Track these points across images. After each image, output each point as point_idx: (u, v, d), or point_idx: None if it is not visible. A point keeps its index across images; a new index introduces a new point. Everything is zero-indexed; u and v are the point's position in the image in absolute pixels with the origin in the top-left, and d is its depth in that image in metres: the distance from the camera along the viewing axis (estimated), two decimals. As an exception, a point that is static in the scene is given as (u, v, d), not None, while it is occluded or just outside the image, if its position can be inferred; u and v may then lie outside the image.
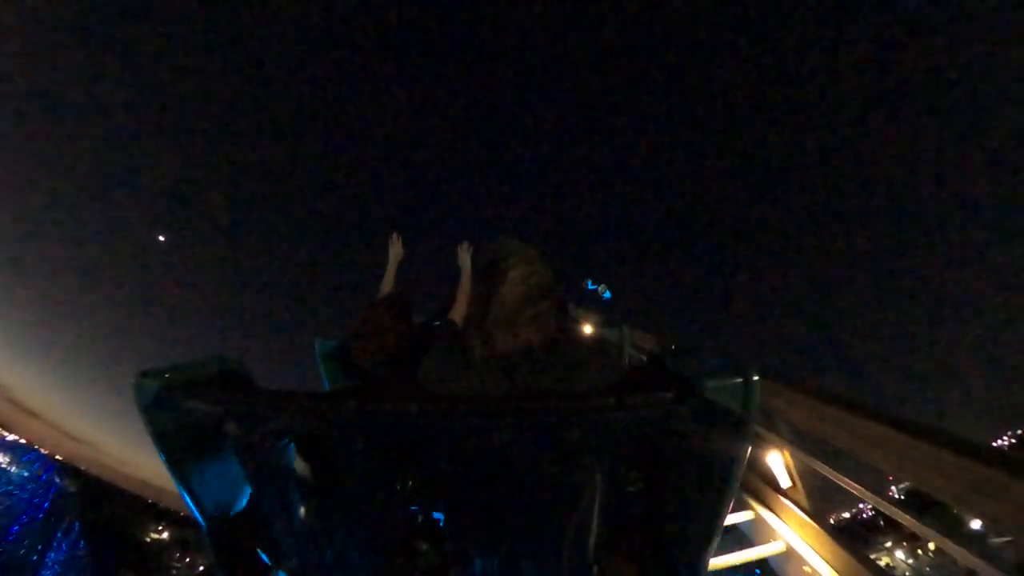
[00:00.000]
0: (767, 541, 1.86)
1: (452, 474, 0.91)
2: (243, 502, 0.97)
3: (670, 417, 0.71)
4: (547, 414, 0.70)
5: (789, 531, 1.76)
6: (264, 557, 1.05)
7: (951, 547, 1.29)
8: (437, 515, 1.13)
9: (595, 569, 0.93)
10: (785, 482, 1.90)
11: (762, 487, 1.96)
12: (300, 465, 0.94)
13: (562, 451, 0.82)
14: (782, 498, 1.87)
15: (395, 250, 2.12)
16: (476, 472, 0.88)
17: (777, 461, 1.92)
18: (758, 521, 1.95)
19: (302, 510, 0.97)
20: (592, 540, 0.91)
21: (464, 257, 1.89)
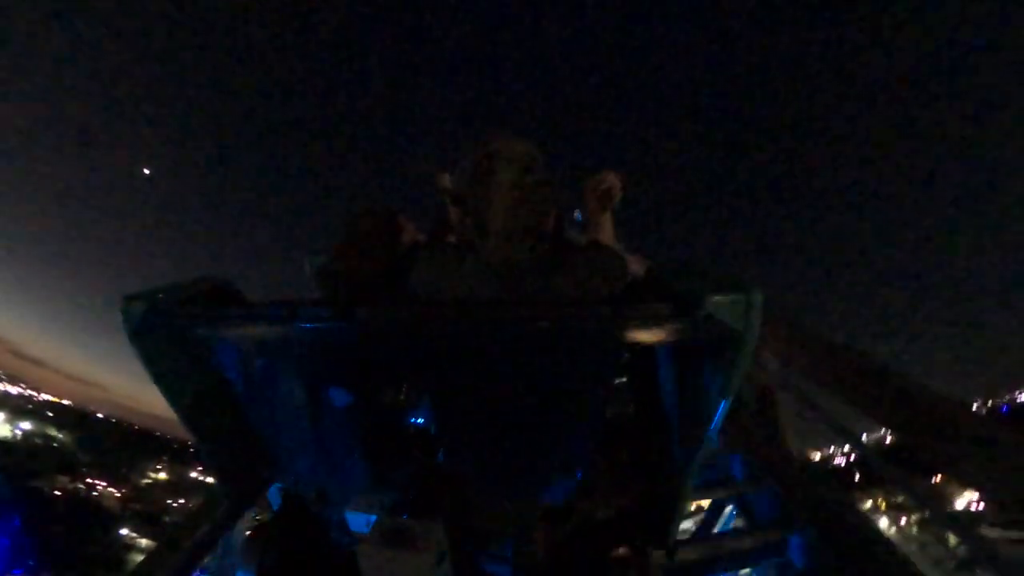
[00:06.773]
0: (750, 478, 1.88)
1: (444, 382, 0.92)
2: (238, 418, 1.00)
3: (668, 331, 0.68)
4: (541, 321, 0.68)
5: (769, 466, 1.76)
6: (261, 471, 1.10)
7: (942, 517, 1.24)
8: (429, 423, 1.16)
9: (580, 477, 0.95)
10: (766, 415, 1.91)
11: (746, 418, 1.96)
12: (293, 378, 0.96)
13: (555, 360, 0.81)
14: (764, 432, 1.88)
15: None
16: (468, 380, 0.88)
17: (764, 391, 1.94)
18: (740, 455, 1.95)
19: (296, 422, 0.99)
20: (580, 449, 0.93)
21: (443, 182, 1.77)
